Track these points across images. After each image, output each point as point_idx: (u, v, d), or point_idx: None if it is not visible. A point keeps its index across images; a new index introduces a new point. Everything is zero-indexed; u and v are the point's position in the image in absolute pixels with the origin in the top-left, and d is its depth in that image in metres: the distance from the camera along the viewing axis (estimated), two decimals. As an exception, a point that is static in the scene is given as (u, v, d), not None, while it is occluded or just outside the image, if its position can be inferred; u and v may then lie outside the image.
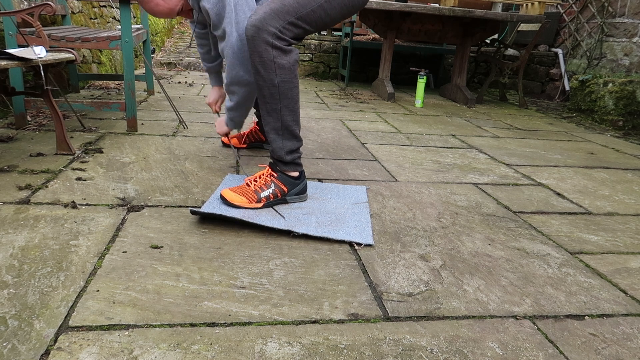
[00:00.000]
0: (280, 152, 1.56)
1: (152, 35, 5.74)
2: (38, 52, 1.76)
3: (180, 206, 1.55)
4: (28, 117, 2.51)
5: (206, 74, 5.06)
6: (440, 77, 5.44)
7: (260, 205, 1.54)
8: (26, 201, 1.50)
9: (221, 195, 1.54)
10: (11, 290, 1.04)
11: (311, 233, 1.39)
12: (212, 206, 1.51)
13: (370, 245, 1.37)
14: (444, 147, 2.60)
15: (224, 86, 1.66)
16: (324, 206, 1.61)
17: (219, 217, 1.44)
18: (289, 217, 1.50)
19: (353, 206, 1.63)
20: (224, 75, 1.78)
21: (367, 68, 5.38)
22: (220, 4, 1.47)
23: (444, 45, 5.21)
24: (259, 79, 1.46)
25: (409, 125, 3.14)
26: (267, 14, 1.40)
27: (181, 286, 1.10)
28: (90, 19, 3.91)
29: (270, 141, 1.57)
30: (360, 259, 1.29)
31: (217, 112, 2.11)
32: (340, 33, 5.59)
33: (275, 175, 1.58)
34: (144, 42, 3.33)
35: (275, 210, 1.52)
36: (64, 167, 1.84)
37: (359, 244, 1.37)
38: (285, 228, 1.40)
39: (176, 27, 7.47)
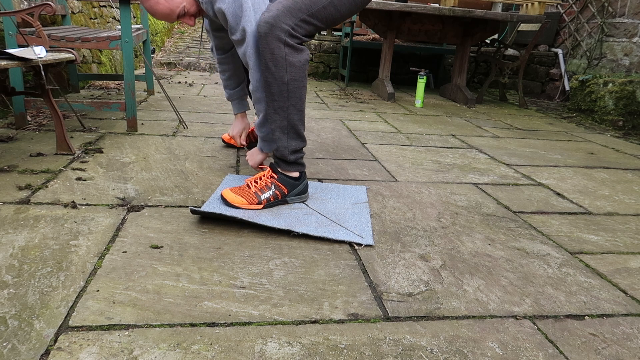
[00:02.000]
0: (285, 151, 1.55)
1: (152, 35, 5.74)
2: (38, 52, 1.76)
3: (180, 206, 1.55)
4: (28, 117, 2.51)
5: (206, 73, 5.06)
6: (440, 77, 5.44)
7: (260, 207, 1.54)
8: (26, 201, 1.50)
9: (221, 196, 1.54)
10: (11, 290, 1.04)
11: (311, 233, 1.39)
12: (212, 206, 1.51)
13: (370, 246, 1.37)
14: (444, 147, 2.60)
15: (250, 92, 1.60)
16: (324, 206, 1.61)
17: (219, 217, 1.44)
18: (288, 216, 1.50)
19: (353, 206, 1.63)
20: (248, 100, 1.69)
21: (367, 68, 5.38)
22: (237, 3, 1.44)
23: (444, 45, 5.21)
24: (269, 75, 1.45)
25: (409, 125, 3.14)
26: (280, 12, 1.40)
27: (181, 286, 1.10)
28: (90, 19, 3.91)
29: (276, 139, 1.55)
30: (360, 259, 1.29)
31: (244, 146, 2.02)
32: (340, 33, 5.59)
33: (276, 176, 1.58)
34: (144, 42, 3.33)
35: (269, 218, 1.49)
36: (64, 167, 1.84)
37: (359, 244, 1.37)
38: (286, 228, 1.40)
39: (176, 27, 7.47)
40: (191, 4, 1.57)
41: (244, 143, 2.06)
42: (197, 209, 1.43)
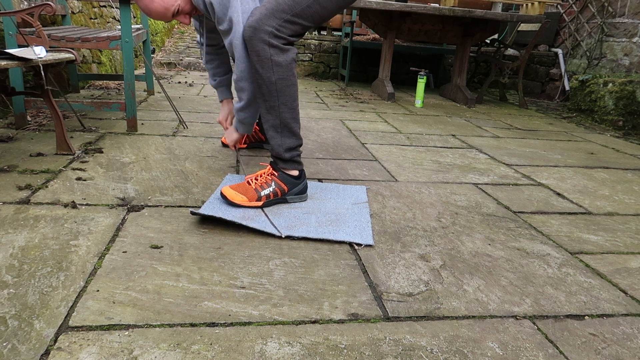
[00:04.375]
0: (279, 149, 1.57)
1: (152, 35, 5.74)
2: (38, 52, 1.76)
3: (180, 206, 1.55)
4: (28, 117, 2.51)
5: (206, 73, 5.05)
6: (440, 77, 5.44)
7: (260, 203, 1.54)
8: (26, 201, 1.50)
9: (221, 193, 1.54)
10: (11, 290, 1.04)
11: (311, 235, 1.38)
12: (212, 206, 1.51)
13: (370, 246, 1.37)
14: (444, 147, 2.60)
15: (233, 83, 1.66)
16: (324, 206, 1.61)
17: (218, 219, 1.44)
18: (288, 215, 1.50)
19: (353, 206, 1.63)
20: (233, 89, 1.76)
21: (367, 68, 5.38)
22: None
23: (444, 45, 5.21)
24: (258, 77, 1.49)
25: (409, 125, 3.14)
26: (263, 14, 1.43)
27: (181, 286, 1.10)
28: (90, 19, 3.91)
29: (270, 138, 1.58)
30: (360, 259, 1.29)
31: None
32: (340, 33, 5.59)
33: (276, 174, 1.59)
34: (144, 42, 3.33)
35: (269, 219, 1.47)
36: (64, 167, 1.84)
37: (359, 244, 1.37)
38: (285, 234, 1.39)
39: (176, 27, 7.47)
40: (185, 2, 1.58)
41: (229, 127, 2.09)
42: (196, 211, 1.43)
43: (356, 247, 1.36)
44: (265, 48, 1.44)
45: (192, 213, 1.42)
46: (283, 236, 1.38)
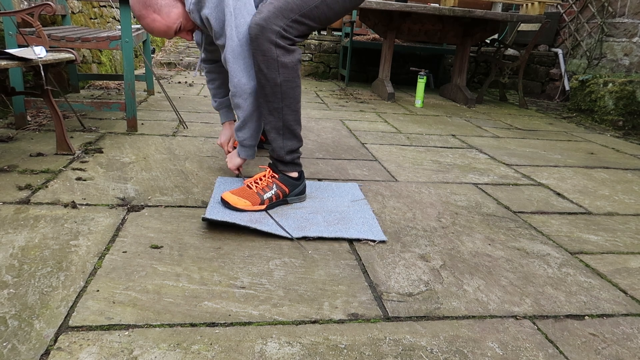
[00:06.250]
0: (281, 151, 1.56)
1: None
2: (38, 52, 1.76)
3: (180, 206, 1.55)
4: (28, 117, 2.51)
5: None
6: (440, 77, 5.44)
7: (263, 207, 1.53)
8: (26, 201, 1.50)
9: (223, 199, 1.52)
10: (11, 290, 1.04)
11: (325, 235, 1.38)
12: (217, 211, 1.48)
13: (384, 242, 1.39)
14: (444, 147, 2.60)
15: (230, 98, 1.61)
16: (325, 205, 1.61)
17: (232, 225, 1.42)
18: (295, 216, 1.50)
19: (353, 203, 1.63)
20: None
21: (367, 68, 5.38)
22: (219, 8, 1.46)
23: (444, 45, 5.21)
24: (262, 77, 1.46)
25: (409, 125, 3.14)
26: (271, 13, 1.39)
27: (181, 286, 1.10)
28: (90, 19, 3.91)
29: (271, 140, 1.56)
30: (360, 259, 1.29)
31: (230, 152, 2.04)
32: (340, 33, 5.59)
33: (277, 176, 1.58)
34: (144, 42, 3.33)
35: (276, 222, 1.46)
36: (64, 167, 1.84)
37: (373, 241, 1.39)
38: (298, 236, 1.37)
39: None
40: (187, 19, 1.56)
41: (230, 150, 2.04)
42: (207, 217, 1.40)
43: (371, 244, 1.37)
44: (271, 48, 1.41)
45: (204, 219, 1.40)
46: (295, 238, 1.37)
